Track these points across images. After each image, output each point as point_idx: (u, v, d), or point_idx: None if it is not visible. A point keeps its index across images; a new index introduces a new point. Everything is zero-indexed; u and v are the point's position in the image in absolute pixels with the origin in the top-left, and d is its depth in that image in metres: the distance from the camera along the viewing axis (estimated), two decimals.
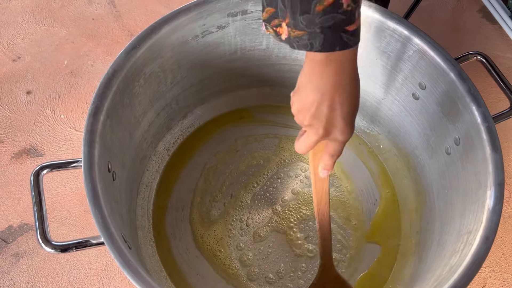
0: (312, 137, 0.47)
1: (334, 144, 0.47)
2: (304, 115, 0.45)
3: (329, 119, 0.44)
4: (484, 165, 0.54)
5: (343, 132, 0.45)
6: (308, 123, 0.46)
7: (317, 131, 0.45)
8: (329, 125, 0.45)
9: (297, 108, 0.46)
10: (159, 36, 0.61)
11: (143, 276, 0.46)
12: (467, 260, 0.49)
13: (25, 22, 1.04)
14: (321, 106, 0.43)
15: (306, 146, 0.48)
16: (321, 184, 0.55)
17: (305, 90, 0.44)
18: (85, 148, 0.52)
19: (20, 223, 0.81)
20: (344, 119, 0.44)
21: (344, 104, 0.44)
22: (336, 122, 0.44)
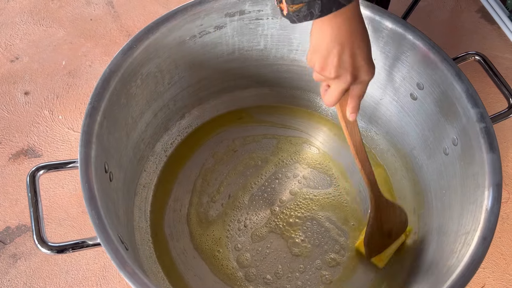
0: (342, 86, 0.49)
1: (360, 86, 0.51)
2: (330, 70, 0.48)
3: (353, 65, 0.47)
4: (481, 165, 0.54)
5: (368, 72, 0.49)
6: (335, 75, 0.48)
7: (346, 79, 0.48)
8: (355, 71, 0.48)
9: (320, 66, 0.48)
10: (156, 37, 0.61)
11: (139, 277, 0.46)
12: (465, 261, 0.49)
13: (23, 22, 1.03)
14: (343, 56, 0.46)
15: (336, 97, 0.51)
16: (352, 127, 0.58)
17: (322, 46, 0.47)
18: (81, 149, 0.51)
19: (18, 224, 0.81)
20: (365, 60, 0.48)
21: (363, 48, 0.47)
22: (360, 66, 0.48)
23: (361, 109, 0.78)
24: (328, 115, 0.84)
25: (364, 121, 0.80)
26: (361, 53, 0.47)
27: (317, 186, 0.78)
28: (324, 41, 0.46)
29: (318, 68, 0.49)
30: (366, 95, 0.75)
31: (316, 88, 0.81)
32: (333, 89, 0.51)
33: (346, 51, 0.46)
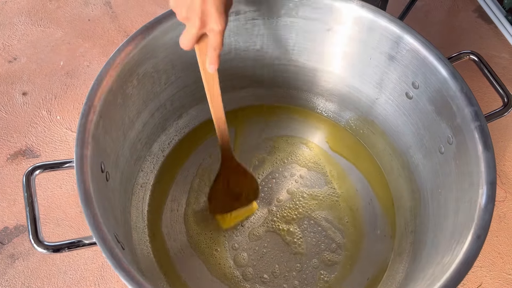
0: (191, 29, 0.51)
1: (213, 35, 0.51)
2: (180, 9, 0.50)
3: (203, 10, 0.48)
4: (476, 163, 0.54)
5: (217, 21, 0.50)
6: (185, 16, 0.50)
7: (194, 22, 0.50)
8: (204, 16, 0.49)
9: (174, 3, 0.50)
10: (152, 37, 0.61)
11: (135, 276, 0.46)
12: (459, 259, 0.49)
13: (21, 23, 1.04)
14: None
15: (188, 39, 0.52)
16: (211, 80, 0.58)
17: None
18: (77, 148, 0.52)
19: (16, 224, 0.81)
20: (217, 9, 0.49)
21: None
22: (209, 12, 0.49)
23: (357, 108, 0.79)
24: (324, 115, 0.84)
25: (360, 121, 0.81)
26: (215, 1, 0.48)
27: (313, 185, 0.78)
28: None
29: (172, 4, 0.50)
30: (362, 95, 0.76)
31: (313, 88, 0.81)
32: (185, 31, 0.52)
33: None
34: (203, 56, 0.55)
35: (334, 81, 0.77)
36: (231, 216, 0.73)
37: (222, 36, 0.52)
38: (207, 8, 0.48)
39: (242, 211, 0.74)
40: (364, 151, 0.81)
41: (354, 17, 0.65)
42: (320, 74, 0.77)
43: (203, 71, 0.57)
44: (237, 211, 0.74)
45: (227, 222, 0.73)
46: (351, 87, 0.76)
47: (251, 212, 0.75)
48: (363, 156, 0.81)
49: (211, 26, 0.50)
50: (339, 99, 0.80)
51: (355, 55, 0.70)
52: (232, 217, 0.73)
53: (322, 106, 0.84)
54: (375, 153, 0.80)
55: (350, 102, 0.79)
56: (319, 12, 0.66)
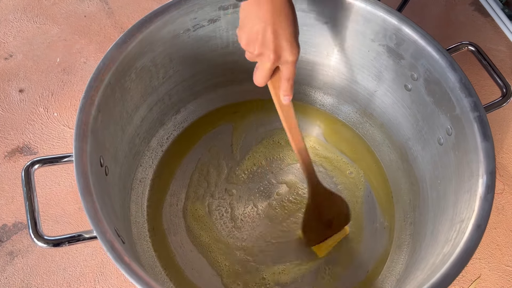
0: (266, 64, 0.51)
1: (286, 67, 0.52)
2: (253, 46, 0.50)
3: (276, 43, 0.49)
4: (475, 153, 0.54)
5: (291, 52, 0.50)
6: (258, 53, 0.50)
7: (269, 57, 0.50)
8: (277, 49, 0.49)
9: (246, 42, 0.50)
10: (149, 30, 0.61)
11: (136, 269, 0.46)
12: (459, 248, 0.49)
13: (16, 20, 1.03)
14: (266, 33, 0.48)
15: (263, 76, 0.53)
16: (287, 111, 0.58)
17: (248, 23, 0.49)
18: (76, 142, 0.51)
19: (15, 221, 0.81)
20: (289, 40, 0.49)
21: (286, 27, 0.48)
22: (282, 44, 0.49)
23: (356, 101, 0.79)
24: (323, 108, 0.84)
25: (359, 114, 0.81)
26: (284, 33, 0.48)
27: None
28: (250, 18, 0.48)
29: (244, 44, 0.50)
30: (361, 87, 0.76)
31: (311, 82, 0.81)
32: (259, 68, 0.52)
33: (268, 29, 0.48)
34: (277, 89, 0.55)
35: (332, 74, 0.77)
36: (326, 244, 0.72)
37: (295, 65, 0.52)
38: (279, 40, 0.48)
39: (336, 236, 0.72)
40: (362, 144, 0.81)
41: (352, 9, 0.65)
42: (318, 67, 0.77)
43: (278, 104, 0.57)
44: (331, 239, 0.72)
45: (322, 249, 0.72)
46: (349, 80, 0.76)
47: (344, 235, 0.73)
48: (362, 148, 0.81)
49: (286, 58, 0.50)
50: (337, 92, 0.80)
51: (353, 47, 0.70)
52: (327, 244, 0.72)
53: (320, 99, 0.84)
54: (374, 145, 0.80)
55: (349, 95, 0.79)
56: (316, 4, 0.66)
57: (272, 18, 0.47)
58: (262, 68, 0.52)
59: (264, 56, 0.50)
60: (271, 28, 0.48)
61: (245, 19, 0.49)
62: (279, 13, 0.47)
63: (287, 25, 0.48)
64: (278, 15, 0.47)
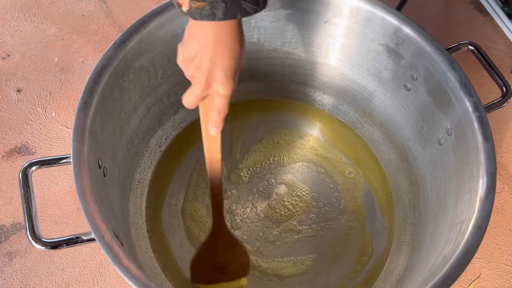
0: (196, 89, 0.49)
1: (218, 98, 0.50)
2: (187, 66, 0.48)
3: (210, 71, 0.47)
4: (476, 154, 0.54)
5: (223, 85, 0.48)
6: (191, 75, 0.49)
7: (199, 82, 0.48)
8: (210, 77, 0.47)
9: (182, 60, 0.49)
10: (148, 30, 0.60)
11: (134, 271, 0.45)
12: (460, 250, 0.49)
13: (14, 19, 1.03)
14: (203, 58, 0.46)
15: (191, 99, 0.51)
16: (212, 141, 0.56)
17: (189, 42, 0.47)
18: (74, 143, 0.51)
19: (13, 222, 0.81)
20: (224, 73, 0.47)
21: (226, 60, 0.47)
22: (216, 75, 0.47)
23: (355, 101, 0.79)
24: (322, 108, 0.84)
25: (358, 114, 0.80)
26: (222, 64, 0.46)
27: (311, 179, 0.78)
28: (193, 38, 0.47)
29: (180, 62, 0.49)
30: (360, 87, 0.75)
31: (311, 82, 0.81)
32: (189, 90, 0.50)
33: (206, 55, 0.46)
34: (206, 117, 0.53)
35: (331, 74, 0.77)
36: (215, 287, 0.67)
37: (227, 100, 0.50)
38: (214, 69, 0.47)
39: (229, 284, 0.67)
40: (362, 144, 0.81)
41: (352, 9, 0.65)
42: (317, 67, 0.77)
43: (204, 132, 0.55)
44: (222, 285, 0.67)
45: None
46: (349, 80, 0.75)
47: (239, 286, 0.67)
48: (361, 148, 0.81)
49: (217, 89, 0.49)
50: (336, 92, 0.80)
51: (352, 47, 0.70)
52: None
53: (319, 99, 0.83)
54: (373, 145, 0.80)
55: (348, 95, 0.78)
56: (316, 4, 0.66)
57: (213, 46, 0.46)
58: (192, 91, 0.50)
59: (195, 79, 0.49)
60: (209, 55, 0.46)
61: (188, 37, 0.48)
62: (221, 44, 0.46)
63: (228, 59, 0.47)
64: (220, 45, 0.46)
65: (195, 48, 0.47)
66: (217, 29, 0.45)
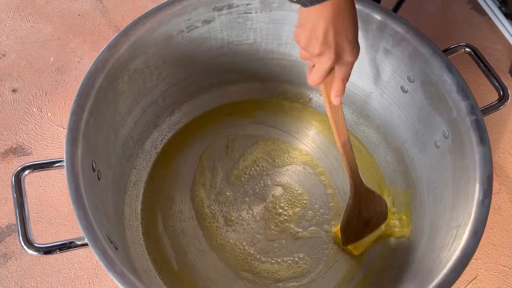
0: (326, 64, 0.49)
1: (344, 67, 0.50)
2: (314, 46, 0.48)
3: (337, 42, 0.47)
4: (472, 158, 0.54)
5: (352, 52, 0.48)
6: (319, 52, 0.48)
7: (329, 56, 0.48)
8: (338, 49, 0.47)
9: (305, 41, 0.48)
10: (142, 32, 0.60)
11: (128, 277, 0.45)
12: (456, 255, 0.49)
13: (9, 18, 1.02)
14: (327, 33, 0.46)
15: (321, 75, 0.51)
16: (336, 111, 0.57)
17: (309, 22, 0.47)
18: (67, 147, 0.51)
19: (8, 223, 0.80)
20: (350, 40, 0.47)
21: (348, 27, 0.47)
22: (344, 44, 0.47)
23: (352, 102, 0.78)
24: (318, 109, 0.84)
25: (355, 115, 0.80)
26: (347, 32, 0.47)
27: (308, 180, 0.78)
28: (311, 16, 0.46)
29: (303, 43, 0.49)
30: (357, 89, 0.75)
31: (307, 83, 0.80)
32: (317, 68, 0.51)
33: (331, 29, 0.46)
34: (329, 90, 0.54)
35: None
36: (361, 243, 0.71)
37: (352, 66, 0.51)
38: (341, 40, 0.47)
39: (372, 235, 0.72)
40: (359, 145, 0.81)
41: None
42: None
43: (328, 103, 0.56)
44: (369, 237, 0.71)
45: (358, 248, 0.71)
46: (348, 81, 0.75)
47: (380, 233, 0.72)
48: (358, 150, 0.80)
49: (346, 58, 0.49)
50: None
51: None
52: (363, 243, 0.71)
53: (315, 100, 0.83)
54: (370, 147, 0.80)
55: (345, 96, 0.78)
56: None
57: (335, 18, 0.46)
58: (321, 68, 0.50)
59: (324, 56, 0.48)
60: (333, 28, 0.46)
61: (306, 17, 0.47)
62: (341, 13, 0.46)
63: (349, 25, 0.47)
64: (343, 15, 0.46)
65: (317, 26, 0.46)
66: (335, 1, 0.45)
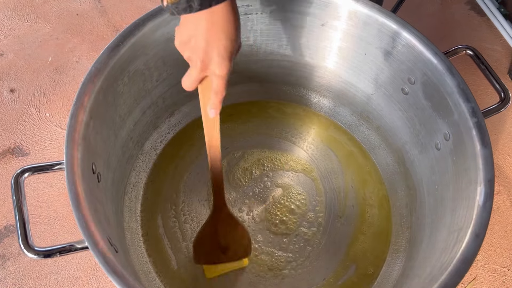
0: (193, 70, 0.50)
1: (215, 79, 0.50)
2: (184, 49, 0.49)
3: (205, 52, 0.47)
4: (474, 160, 0.54)
5: (219, 65, 0.48)
6: (187, 56, 0.49)
7: (196, 64, 0.48)
8: (206, 59, 0.48)
9: (179, 43, 0.49)
10: (142, 33, 0.60)
11: (128, 281, 0.45)
12: (458, 258, 0.48)
13: (7, 18, 1.01)
14: (198, 40, 0.47)
15: (190, 81, 0.51)
16: (211, 124, 0.56)
17: (185, 26, 0.48)
18: (67, 150, 0.50)
19: (6, 224, 0.80)
20: (220, 53, 0.47)
21: (221, 41, 0.47)
22: (212, 55, 0.48)
23: (352, 104, 0.78)
24: (319, 111, 0.83)
25: (355, 116, 0.80)
26: (218, 45, 0.47)
27: (308, 182, 0.78)
28: (189, 21, 0.47)
29: (177, 44, 0.49)
30: (358, 90, 0.75)
31: (307, 84, 0.80)
32: (187, 73, 0.51)
33: (201, 37, 0.47)
34: (206, 99, 0.53)
35: (328, 76, 0.76)
36: (216, 267, 0.69)
37: (224, 81, 0.50)
38: (210, 50, 0.47)
39: (230, 265, 0.69)
40: (359, 147, 0.81)
41: (349, 12, 0.64)
42: (314, 69, 0.76)
43: (204, 113, 0.55)
44: (225, 265, 0.69)
45: (211, 271, 0.69)
46: (346, 82, 0.75)
47: (240, 267, 0.70)
48: (358, 151, 0.80)
49: (213, 70, 0.49)
50: (333, 95, 0.79)
51: (350, 50, 0.69)
52: (218, 268, 0.69)
53: (316, 102, 0.83)
54: (370, 148, 0.80)
55: (345, 98, 0.78)
56: (313, 6, 0.65)
57: (207, 29, 0.46)
58: (190, 73, 0.50)
59: (192, 61, 0.49)
60: (205, 37, 0.47)
61: (184, 21, 0.48)
62: (215, 26, 0.46)
63: (223, 38, 0.47)
64: (214, 27, 0.46)
65: (190, 31, 0.47)
66: (209, 14, 0.45)
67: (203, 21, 0.46)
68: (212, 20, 0.46)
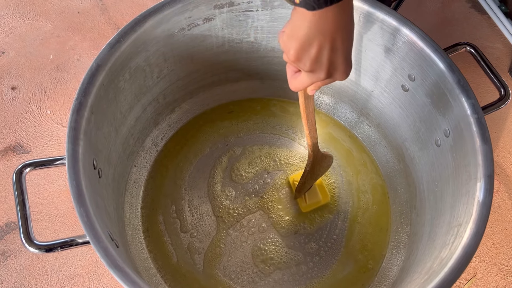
0: (313, 80, 0.45)
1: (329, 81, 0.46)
2: (305, 62, 0.43)
3: (331, 62, 0.43)
4: (473, 156, 0.54)
5: (344, 73, 0.44)
6: (309, 69, 0.43)
7: (319, 76, 0.44)
8: (331, 68, 0.43)
9: (295, 55, 0.43)
10: (143, 30, 0.60)
11: (129, 275, 0.45)
12: (457, 253, 0.49)
13: (8, 16, 1.01)
14: (323, 49, 0.41)
15: (304, 86, 0.47)
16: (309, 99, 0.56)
17: (302, 33, 0.41)
18: (68, 145, 0.50)
19: (7, 221, 0.80)
20: (345, 59, 0.43)
21: (346, 45, 0.42)
22: (338, 64, 0.43)
23: (353, 101, 0.78)
24: (319, 108, 0.84)
25: (356, 113, 0.80)
26: (343, 50, 0.42)
27: None
28: (305, 27, 0.40)
29: (293, 57, 0.43)
30: (358, 87, 0.75)
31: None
32: (303, 79, 0.46)
33: (327, 45, 0.41)
34: None
35: None
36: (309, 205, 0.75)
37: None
38: (336, 59, 0.42)
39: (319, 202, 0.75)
40: (359, 144, 0.81)
41: None
42: None
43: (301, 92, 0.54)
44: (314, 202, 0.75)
45: (305, 207, 0.75)
46: (346, 80, 0.75)
47: (326, 202, 0.76)
48: (358, 148, 0.81)
49: (336, 77, 0.45)
50: (334, 92, 0.80)
51: None
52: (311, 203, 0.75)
53: (316, 99, 0.83)
54: (370, 145, 0.80)
55: (345, 95, 0.78)
56: None
57: (335, 33, 0.40)
58: (306, 81, 0.46)
59: (314, 73, 0.44)
60: (330, 45, 0.41)
61: (299, 26, 0.41)
62: (343, 28, 0.40)
63: (347, 41, 0.42)
64: (342, 30, 0.40)
65: (312, 40, 0.41)
66: (338, 13, 0.39)
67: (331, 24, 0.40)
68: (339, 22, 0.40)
